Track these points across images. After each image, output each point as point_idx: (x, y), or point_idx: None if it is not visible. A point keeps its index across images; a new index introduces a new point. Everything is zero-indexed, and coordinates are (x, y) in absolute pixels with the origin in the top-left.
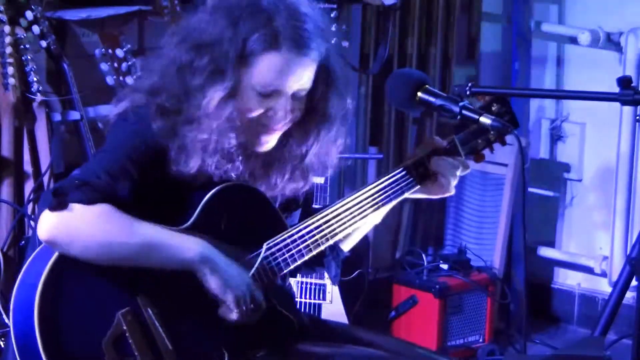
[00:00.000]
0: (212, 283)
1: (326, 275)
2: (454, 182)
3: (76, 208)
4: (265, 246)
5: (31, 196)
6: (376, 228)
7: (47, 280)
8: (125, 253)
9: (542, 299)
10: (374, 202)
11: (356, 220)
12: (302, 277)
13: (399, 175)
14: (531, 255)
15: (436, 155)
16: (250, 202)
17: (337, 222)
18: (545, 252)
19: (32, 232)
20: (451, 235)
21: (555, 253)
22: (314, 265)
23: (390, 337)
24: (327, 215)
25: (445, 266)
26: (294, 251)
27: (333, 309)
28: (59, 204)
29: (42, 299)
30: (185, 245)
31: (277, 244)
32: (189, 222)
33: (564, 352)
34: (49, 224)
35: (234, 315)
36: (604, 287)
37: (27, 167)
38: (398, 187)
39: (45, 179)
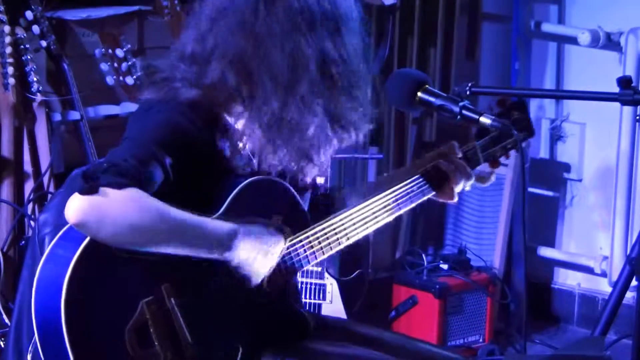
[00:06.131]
0: (243, 260)
1: (326, 274)
2: (457, 189)
3: (106, 192)
4: (287, 242)
5: (31, 196)
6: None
7: (77, 263)
8: (155, 237)
9: (542, 299)
10: (390, 208)
11: (373, 224)
12: (302, 277)
13: (418, 182)
14: (531, 255)
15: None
16: (278, 196)
17: (356, 222)
18: (545, 252)
19: (32, 232)
20: (451, 235)
21: (555, 253)
22: None
23: (391, 332)
24: (348, 215)
25: (445, 266)
26: (315, 249)
27: (333, 308)
28: (89, 188)
29: (71, 282)
30: (219, 225)
31: (300, 240)
32: (219, 212)
33: (564, 352)
34: (79, 208)
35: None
36: (604, 287)
37: (27, 167)
38: (415, 193)
39: (45, 179)
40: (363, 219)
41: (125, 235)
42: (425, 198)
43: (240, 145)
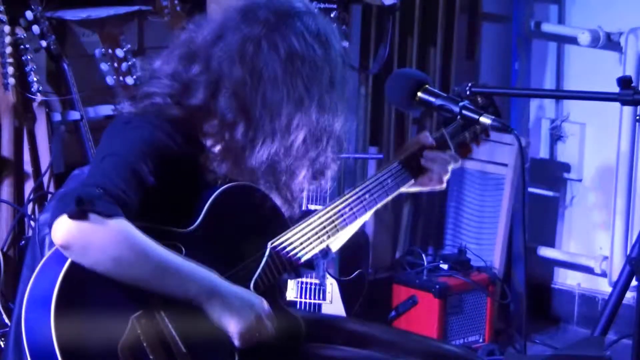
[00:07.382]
0: (217, 316)
1: (326, 274)
2: (446, 177)
3: (96, 220)
4: (269, 245)
5: (31, 196)
6: (376, 228)
7: (63, 284)
8: (134, 274)
9: (542, 299)
10: (372, 197)
11: (359, 215)
12: (302, 277)
13: (395, 170)
14: (531, 255)
15: (427, 149)
16: (253, 201)
17: (341, 216)
18: (545, 252)
19: (32, 232)
20: (451, 235)
21: (555, 253)
22: (304, 266)
23: (388, 328)
24: (332, 209)
25: (445, 266)
26: (304, 244)
27: (333, 309)
28: (79, 213)
29: (59, 303)
30: (195, 277)
31: (283, 242)
32: (195, 224)
33: (564, 352)
34: (66, 231)
35: (237, 344)
36: (604, 287)
37: (27, 167)
38: (393, 181)
39: (45, 179)
40: (341, 215)
41: (108, 266)
42: (405, 187)
43: (214, 164)
